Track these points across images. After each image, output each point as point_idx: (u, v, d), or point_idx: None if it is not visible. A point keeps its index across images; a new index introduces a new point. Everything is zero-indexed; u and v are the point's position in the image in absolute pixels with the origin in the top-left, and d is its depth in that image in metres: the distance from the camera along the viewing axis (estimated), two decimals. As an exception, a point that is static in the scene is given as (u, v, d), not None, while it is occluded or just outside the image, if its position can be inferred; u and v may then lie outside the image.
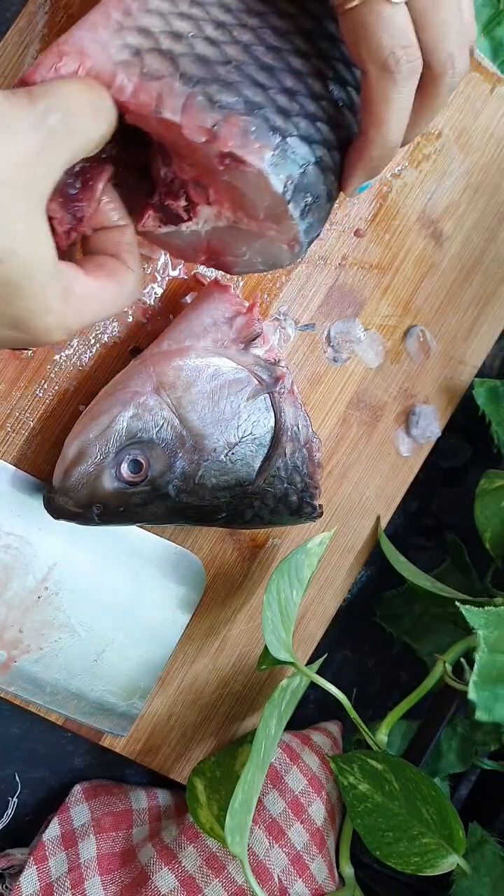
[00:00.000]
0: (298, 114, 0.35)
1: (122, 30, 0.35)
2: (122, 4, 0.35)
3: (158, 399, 0.44)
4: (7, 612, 0.47)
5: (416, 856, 0.48)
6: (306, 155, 0.35)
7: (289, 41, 0.36)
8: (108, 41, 0.35)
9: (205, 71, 0.34)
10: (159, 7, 0.35)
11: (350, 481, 0.57)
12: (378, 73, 0.33)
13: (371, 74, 0.33)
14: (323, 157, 0.36)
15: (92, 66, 0.34)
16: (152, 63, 0.34)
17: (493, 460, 0.63)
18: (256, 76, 0.35)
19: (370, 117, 0.34)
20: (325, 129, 0.36)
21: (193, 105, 0.33)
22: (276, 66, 0.35)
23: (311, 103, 0.36)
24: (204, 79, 0.34)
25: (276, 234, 0.36)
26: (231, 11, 0.36)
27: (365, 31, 0.32)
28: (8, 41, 0.44)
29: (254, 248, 0.38)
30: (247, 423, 0.46)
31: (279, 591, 0.46)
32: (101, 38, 0.35)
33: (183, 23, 0.35)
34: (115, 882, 0.48)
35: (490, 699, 0.44)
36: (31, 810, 0.53)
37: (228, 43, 0.35)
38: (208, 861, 0.49)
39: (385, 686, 0.64)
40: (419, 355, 0.58)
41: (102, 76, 0.34)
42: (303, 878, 0.51)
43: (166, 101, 0.33)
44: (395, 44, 0.32)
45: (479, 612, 0.45)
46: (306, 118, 0.35)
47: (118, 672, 0.50)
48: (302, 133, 0.35)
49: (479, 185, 0.57)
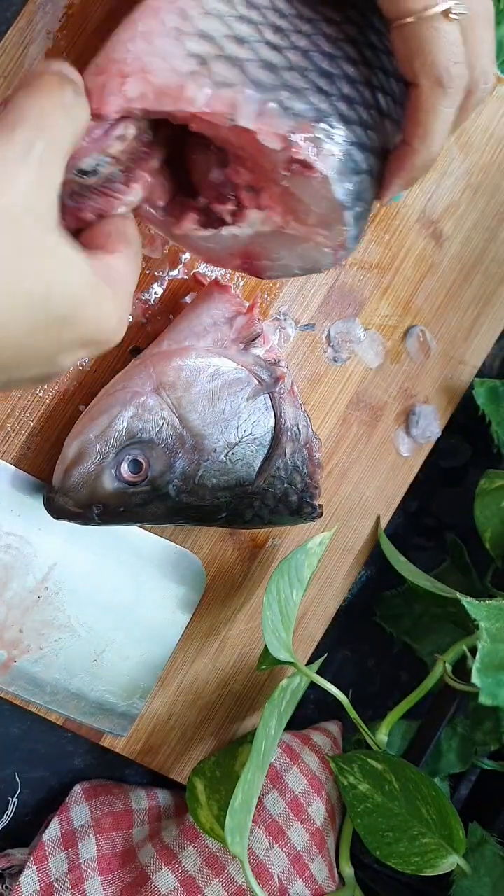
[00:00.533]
0: (356, 122, 0.35)
1: (182, 36, 0.33)
2: (174, 7, 0.33)
3: (158, 399, 0.44)
4: (7, 612, 0.47)
5: (416, 856, 0.48)
6: (363, 163, 0.35)
7: (340, 48, 0.36)
8: (169, 51, 0.33)
9: (273, 77, 0.34)
10: (218, 9, 0.34)
11: (350, 481, 0.57)
12: (431, 86, 0.34)
13: (423, 87, 0.34)
14: (373, 166, 0.36)
15: (159, 83, 0.33)
16: (221, 71, 0.33)
17: (493, 460, 0.63)
18: (319, 83, 0.35)
19: (417, 128, 0.35)
20: (374, 138, 0.36)
21: (267, 112, 0.33)
22: (335, 73, 0.35)
23: (364, 111, 0.36)
24: (274, 85, 0.34)
25: (324, 239, 0.37)
26: (286, 16, 0.35)
27: (421, 46, 0.33)
28: (8, 41, 0.44)
29: (294, 252, 0.38)
30: (247, 423, 0.46)
31: (279, 591, 0.46)
32: (161, 49, 0.33)
33: (244, 26, 0.34)
34: (115, 882, 0.48)
35: (493, 685, 0.45)
36: (31, 810, 0.53)
37: (289, 48, 0.35)
38: (208, 861, 0.49)
39: (385, 686, 0.64)
40: (419, 355, 0.58)
41: (170, 90, 0.33)
42: (303, 878, 0.51)
43: (241, 110, 0.33)
44: (449, 60, 0.33)
45: (481, 605, 0.46)
46: (362, 126, 0.36)
47: (118, 672, 0.50)
48: (361, 141, 0.35)
49: (479, 185, 0.57)
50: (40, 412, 0.47)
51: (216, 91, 0.33)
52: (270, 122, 0.33)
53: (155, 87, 0.32)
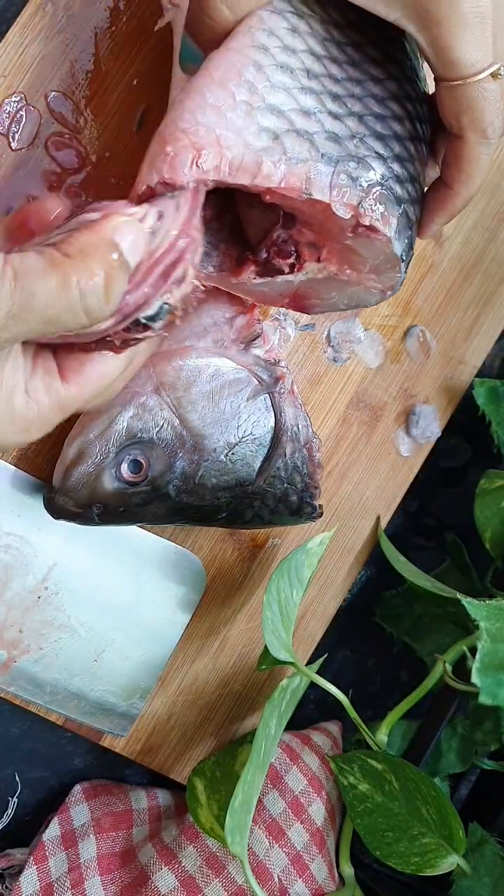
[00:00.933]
0: (408, 179, 0.38)
1: (253, 111, 0.34)
2: (241, 80, 0.34)
3: (158, 399, 0.44)
4: (7, 612, 0.47)
5: (416, 856, 0.48)
6: (413, 216, 0.39)
7: (387, 107, 0.38)
8: (241, 126, 0.34)
9: (339, 149, 0.36)
10: (283, 82, 0.35)
11: (350, 481, 0.57)
12: (476, 139, 0.37)
13: (469, 140, 0.37)
14: (419, 215, 0.40)
15: (234, 158, 0.34)
16: (293, 146, 0.35)
17: (493, 460, 0.63)
18: (375, 147, 0.37)
19: (461, 175, 0.39)
20: (419, 187, 0.40)
21: (338, 185, 0.36)
22: (387, 134, 0.38)
23: (411, 167, 0.39)
24: (340, 157, 0.36)
25: (375, 283, 0.40)
26: (339, 82, 0.37)
27: (470, 104, 0.36)
28: (8, 41, 0.44)
29: (344, 293, 0.42)
30: (247, 423, 0.46)
31: (279, 591, 0.46)
32: (233, 124, 0.34)
33: (307, 98, 0.36)
34: (115, 882, 0.48)
35: (493, 685, 0.45)
36: (31, 810, 0.53)
37: (347, 116, 0.37)
38: (208, 861, 0.49)
39: (385, 686, 0.64)
40: (419, 355, 0.58)
41: (246, 166, 0.34)
42: (303, 878, 0.51)
43: (315, 184, 0.35)
44: (494, 115, 0.36)
45: (481, 605, 0.46)
46: (411, 182, 0.38)
47: (118, 672, 0.50)
48: (412, 198, 0.39)
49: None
50: (40, 412, 0.47)
51: (291, 167, 0.35)
52: (342, 193, 0.36)
53: (231, 162, 0.34)
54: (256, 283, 0.41)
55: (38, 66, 0.45)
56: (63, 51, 0.45)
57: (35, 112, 0.45)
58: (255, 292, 0.42)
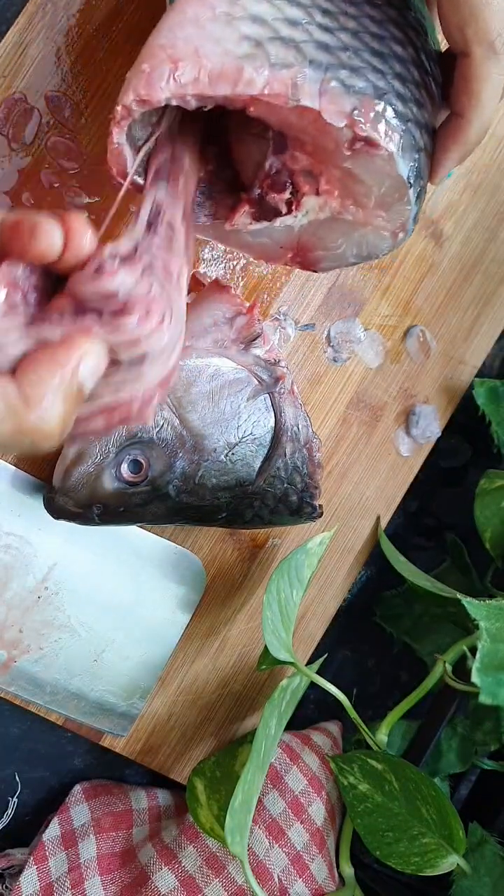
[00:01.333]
0: (411, 99, 0.35)
1: (234, 20, 0.32)
2: None
3: (158, 399, 0.44)
4: (7, 612, 0.47)
5: (416, 856, 0.48)
6: (420, 140, 0.35)
7: (386, 29, 0.36)
8: (221, 35, 0.32)
9: (330, 57, 0.33)
10: None
11: (350, 481, 0.57)
12: (484, 53, 0.34)
13: (475, 55, 0.34)
14: (427, 144, 0.36)
15: (213, 67, 0.32)
16: (278, 52, 0.32)
17: (493, 460, 0.63)
18: (372, 62, 0.34)
19: (470, 98, 0.35)
20: (426, 116, 0.36)
21: (329, 90, 0.33)
22: (385, 52, 0.35)
23: (415, 90, 0.36)
24: (332, 64, 0.33)
25: (384, 221, 0.37)
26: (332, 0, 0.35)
27: (473, 13, 0.33)
28: (8, 41, 0.44)
29: (351, 239, 0.38)
30: (247, 423, 0.46)
31: (279, 591, 0.46)
32: (212, 34, 0.32)
33: (294, 9, 0.34)
34: (115, 882, 0.48)
35: (493, 685, 0.45)
36: (31, 810, 0.53)
37: (339, 30, 0.34)
38: (208, 861, 0.49)
39: (385, 686, 0.64)
40: (419, 355, 0.58)
41: (226, 74, 0.32)
42: (303, 878, 0.51)
43: (303, 89, 0.32)
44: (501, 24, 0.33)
45: (481, 605, 0.46)
46: (416, 104, 0.35)
47: (118, 672, 0.50)
48: (417, 118, 0.35)
49: (479, 185, 0.57)
50: (40, 412, 0.47)
51: (275, 72, 0.32)
52: (334, 100, 0.33)
53: (210, 72, 0.31)
54: (254, 231, 0.38)
55: (38, 66, 0.45)
56: (63, 51, 0.45)
57: (35, 112, 0.45)
58: (254, 245, 0.40)
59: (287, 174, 0.37)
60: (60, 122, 0.46)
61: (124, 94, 0.32)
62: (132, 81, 0.31)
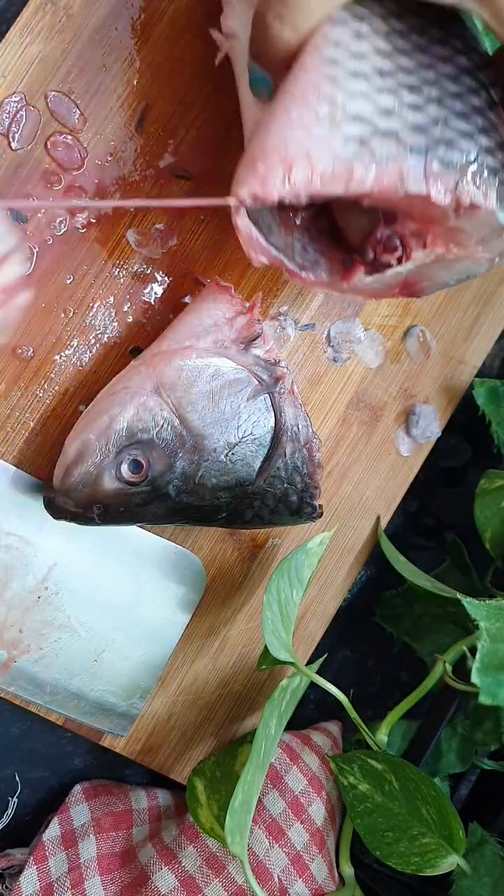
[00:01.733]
0: (498, 148, 0.38)
1: (336, 122, 0.35)
2: (320, 96, 0.35)
3: (158, 399, 0.44)
4: (7, 612, 0.47)
5: (416, 856, 0.48)
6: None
7: (461, 83, 0.38)
8: (327, 138, 0.35)
9: (426, 138, 0.36)
10: (359, 89, 0.36)
11: (350, 481, 0.57)
12: None
13: None
14: None
15: (324, 169, 0.34)
16: (381, 147, 0.35)
17: (493, 460, 0.63)
18: (461, 126, 0.37)
19: None
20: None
21: (432, 173, 0.36)
22: (467, 111, 0.38)
23: (497, 135, 0.39)
24: (429, 145, 0.36)
25: (482, 253, 0.40)
26: (412, 72, 0.37)
27: None
28: (8, 41, 0.44)
29: (453, 270, 0.42)
30: (247, 423, 0.46)
31: (279, 591, 0.46)
32: (319, 138, 0.35)
33: (385, 97, 0.36)
34: (115, 882, 0.48)
35: (493, 685, 0.45)
36: (31, 810, 0.53)
37: (427, 103, 0.37)
38: (208, 861, 0.49)
39: (385, 686, 0.64)
40: (419, 355, 0.58)
41: (338, 175, 0.35)
42: (303, 878, 0.51)
43: (409, 179, 0.36)
44: None
45: (481, 605, 0.46)
46: (501, 150, 0.38)
47: (118, 672, 0.50)
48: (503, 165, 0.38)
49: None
50: (40, 412, 0.47)
51: (381, 168, 0.35)
52: (437, 181, 0.36)
53: (322, 174, 0.34)
54: (367, 282, 0.41)
55: (38, 66, 0.45)
56: (63, 51, 0.45)
57: (35, 112, 0.45)
58: (366, 290, 0.43)
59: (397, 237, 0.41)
60: (60, 122, 0.46)
61: (238, 186, 0.34)
62: (248, 179, 0.34)
